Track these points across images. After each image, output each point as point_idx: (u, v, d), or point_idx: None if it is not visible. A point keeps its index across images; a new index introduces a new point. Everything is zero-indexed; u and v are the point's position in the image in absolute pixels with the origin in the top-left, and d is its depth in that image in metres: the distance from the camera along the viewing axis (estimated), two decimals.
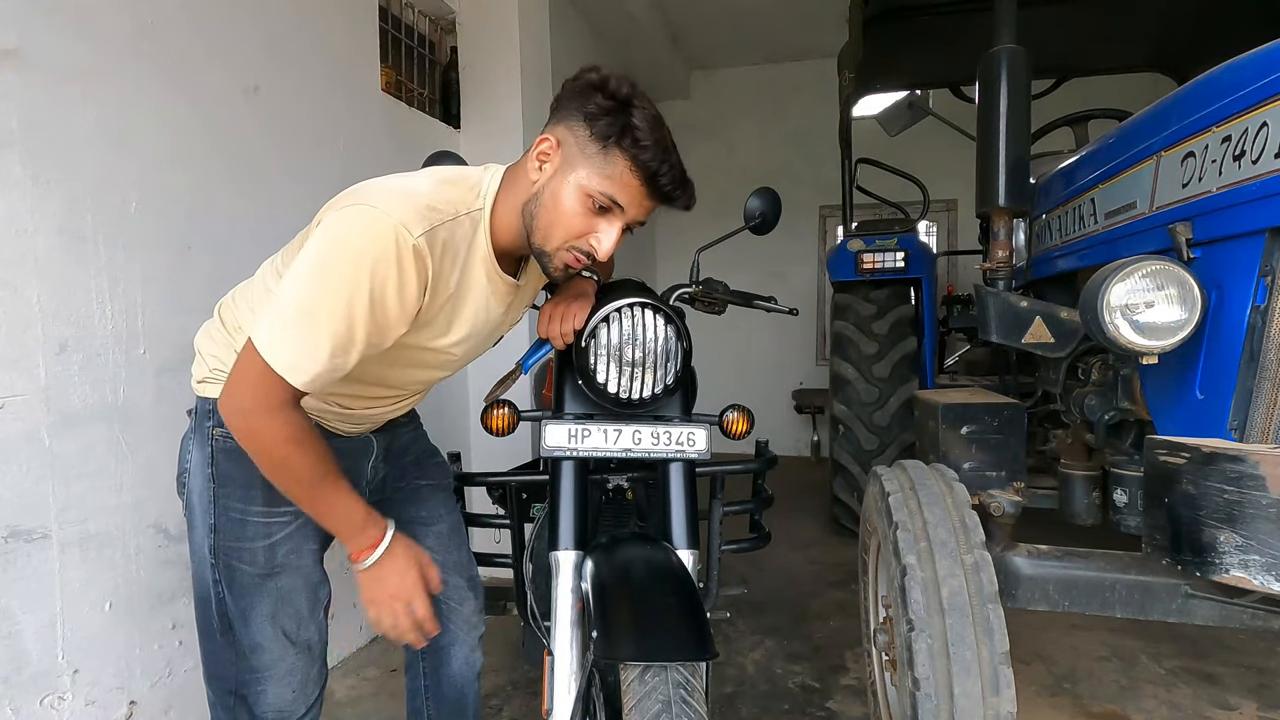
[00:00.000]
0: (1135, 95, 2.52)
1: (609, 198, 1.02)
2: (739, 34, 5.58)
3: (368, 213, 0.96)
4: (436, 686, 1.43)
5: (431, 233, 1.00)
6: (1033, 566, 1.43)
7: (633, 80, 1.02)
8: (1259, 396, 1.19)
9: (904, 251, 3.59)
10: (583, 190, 1.02)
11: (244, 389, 0.97)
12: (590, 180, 1.01)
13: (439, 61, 3.22)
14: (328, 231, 0.97)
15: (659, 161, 1.00)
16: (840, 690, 2.22)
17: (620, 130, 0.99)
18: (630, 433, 1.22)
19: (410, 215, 0.97)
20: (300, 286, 0.95)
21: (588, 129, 1.00)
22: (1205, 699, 2.14)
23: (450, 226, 1.04)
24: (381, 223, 0.95)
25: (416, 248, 0.97)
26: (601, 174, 1.01)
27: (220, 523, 1.13)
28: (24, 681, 1.47)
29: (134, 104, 1.68)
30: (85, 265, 1.58)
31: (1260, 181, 1.15)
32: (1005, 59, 1.63)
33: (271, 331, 0.95)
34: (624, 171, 1.01)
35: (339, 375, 1.00)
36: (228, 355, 1.16)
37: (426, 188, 1.04)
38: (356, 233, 0.96)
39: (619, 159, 1.00)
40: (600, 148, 1.00)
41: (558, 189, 1.03)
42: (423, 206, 1.00)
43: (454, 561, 1.40)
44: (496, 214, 1.10)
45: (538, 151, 1.05)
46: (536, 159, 1.05)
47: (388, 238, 0.95)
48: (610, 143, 1.00)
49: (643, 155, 0.99)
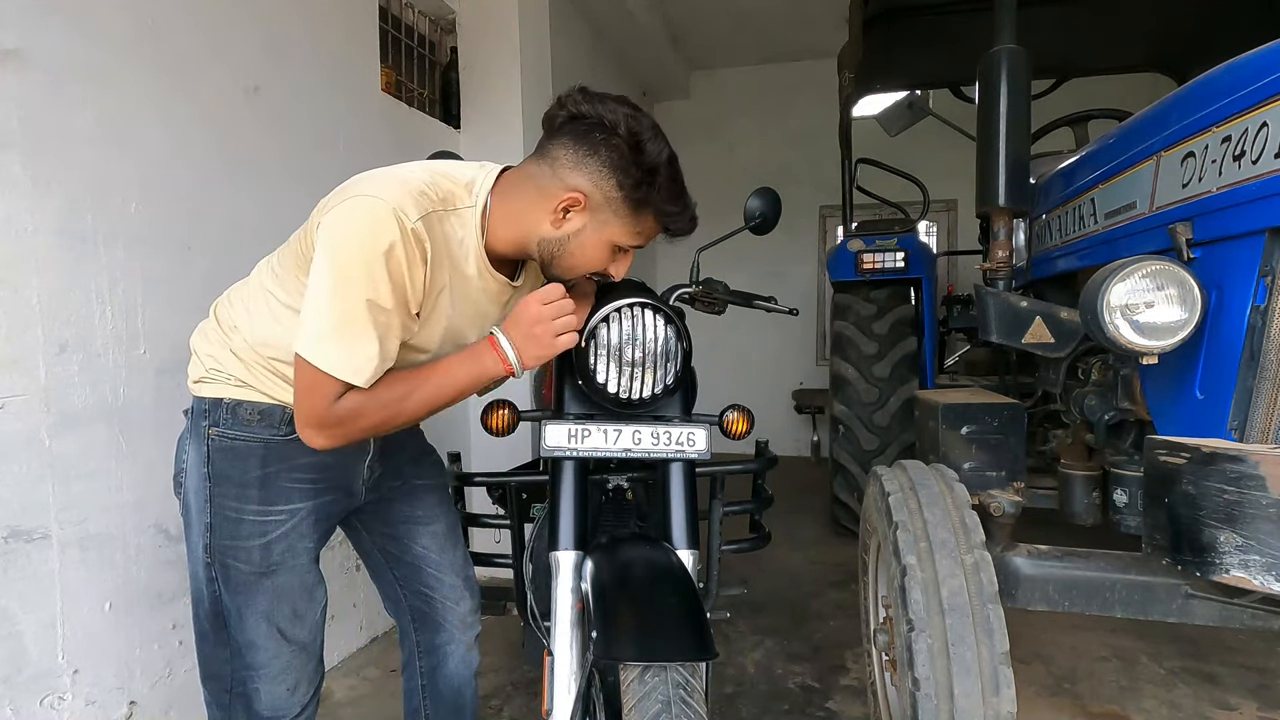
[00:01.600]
0: (1135, 95, 2.52)
1: (634, 246, 1.12)
2: (739, 34, 5.58)
3: (365, 203, 0.98)
4: (434, 686, 1.43)
5: (427, 218, 1.02)
6: (1033, 566, 1.43)
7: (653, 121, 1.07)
8: (1259, 396, 1.19)
9: (904, 251, 3.59)
10: (614, 245, 1.10)
11: (320, 408, 1.01)
12: (623, 237, 1.10)
13: (439, 61, 3.22)
14: (333, 232, 0.99)
15: (681, 213, 1.10)
16: (840, 690, 2.22)
17: (652, 194, 1.06)
18: (630, 433, 1.22)
19: (405, 201, 0.99)
20: (328, 296, 0.98)
21: (619, 192, 1.05)
22: (1205, 699, 2.14)
23: (442, 215, 1.05)
24: (380, 209, 0.97)
25: (415, 231, 1.00)
26: (633, 231, 1.09)
27: (216, 521, 1.14)
28: (24, 681, 1.47)
29: (134, 104, 1.68)
30: (85, 265, 1.58)
31: (1260, 181, 1.15)
32: (1005, 59, 1.63)
33: (321, 346, 0.99)
34: (651, 226, 1.11)
35: (391, 361, 1.04)
36: (223, 354, 1.16)
37: (420, 176, 1.06)
38: (359, 225, 0.98)
39: (649, 219, 1.09)
40: (631, 209, 1.07)
41: (587, 242, 1.09)
42: (416, 193, 1.02)
43: (450, 561, 1.40)
44: (492, 220, 1.11)
45: (564, 201, 1.05)
46: (559, 210, 1.06)
47: (389, 223, 0.97)
48: (644, 209, 1.07)
49: (669, 210, 1.09)
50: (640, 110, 1.06)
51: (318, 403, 1.01)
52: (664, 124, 1.11)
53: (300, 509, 1.17)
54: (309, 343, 0.99)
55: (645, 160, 1.03)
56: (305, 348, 0.99)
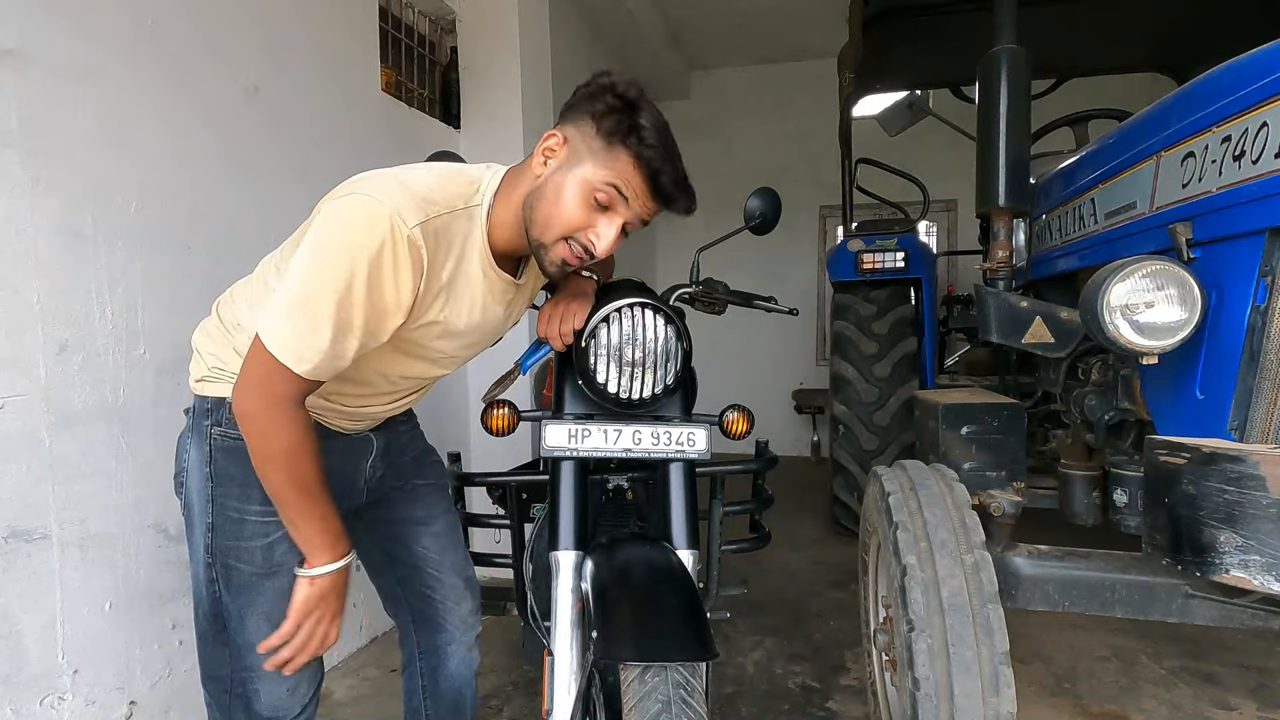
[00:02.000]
0: (1135, 95, 2.52)
1: (612, 186, 1.03)
2: (739, 34, 5.58)
3: (364, 201, 0.98)
4: (434, 686, 1.43)
5: (426, 224, 1.01)
6: (1033, 566, 1.43)
7: (642, 86, 1.04)
8: (1259, 396, 1.19)
9: (904, 251, 3.59)
10: (586, 183, 1.03)
11: (252, 383, 0.99)
12: (594, 174, 1.03)
13: (439, 61, 3.22)
14: (325, 221, 0.99)
15: (662, 160, 1.02)
16: (840, 690, 2.22)
17: (626, 129, 1.01)
18: (630, 433, 1.22)
19: (406, 205, 0.98)
20: (299, 275, 0.97)
21: (594, 126, 1.02)
22: (1205, 699, 2.14)
23: (446, 219, 1.04)
24: (377, 211, 0.97)
25: (411, 238, 0.98)
26: (606, 167, 1.03)
27: (218, 522, 1.13)
28: (24, 681, 1.47)
29: (134, 104, 1.68)
30: (85, 265, 1.58)
31: (1260, 181, 1.15)
32: (1005, 59, 1.63)
33: (274, 321, 0.97)
34: (627, 167, 1.03)
35: (341, 365, 1.01)
36: (226, 353, 1.16)
37: (425, 180, 1.05)
38: (353, 221, 0.97)
39: (623, 154, 1.02)
40: (605, 143, 1.02)
41: (561, 181, 1.04)
42: (419, 198, 1.01)
43: (450, 561, 1.40)
44: (496, 212, 1.10)
45: (544, 147, 1.06)
46: (542, 154, 1.07)
47: (383, 226, 0.96)
48: (615, 139, 1.02)
49: (646, 152, 1.02)
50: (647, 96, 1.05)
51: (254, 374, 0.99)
52: None
53: None
54: (264, 318, 0.98)
55: (618, 92, 1.02)
56: (262, 322, 0.98)
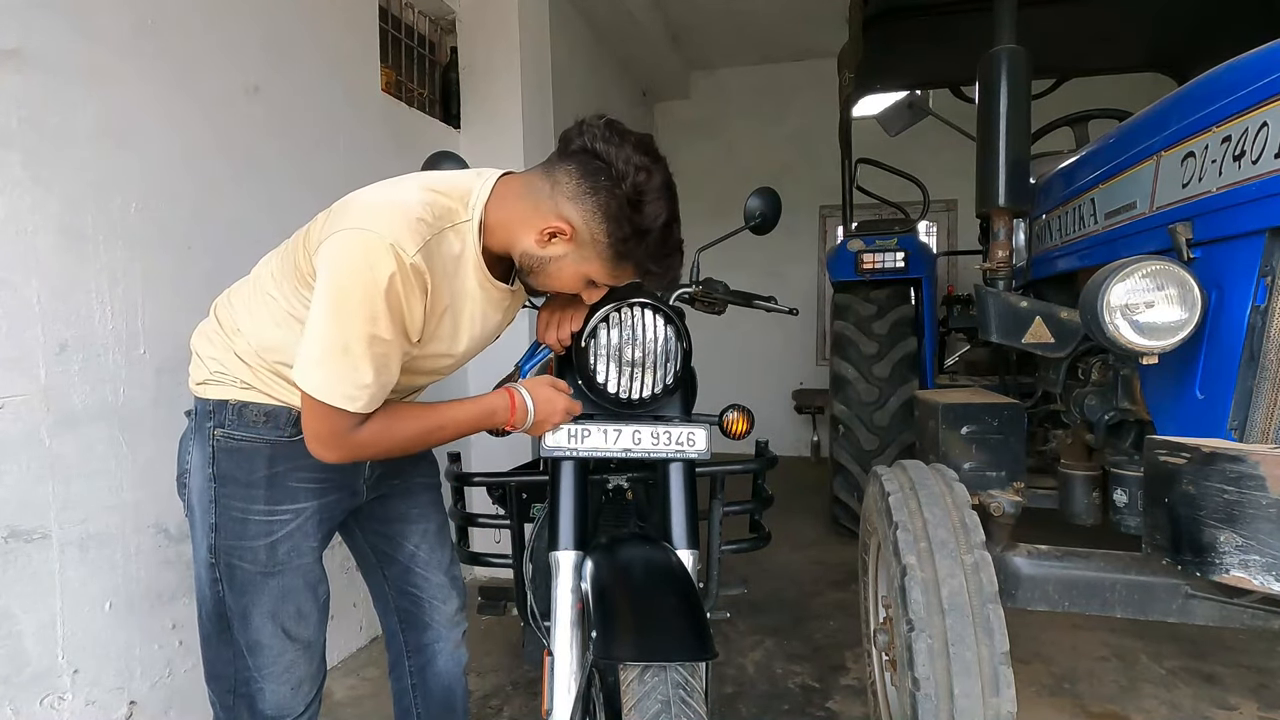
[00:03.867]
0: (1135, 95, 2.51)
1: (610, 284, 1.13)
2: (739, 34, 5.58)
3: (363, 238, 0.98)
4: (424, 685, 1.43)
5: (425, 249, 1.02)
6: (1033, 566, 1.43)
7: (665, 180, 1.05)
8: (1259, 396, 1.19)
9: (904, 251, 3.59)
10: (589, 279, 1.11)
11: (325, 435, 1.04)
12: (600, 276, 1.11)
13: (439, 61, 3.22)
14: (331, 265, 1.00)
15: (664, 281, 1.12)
16: (840, 690, 2.22)
17: (641, 254, 1.07)
18: (630, 433, 1.22)
19: (404, 234, 1.00)
20: (326, 326, 1.00)
21: (606, 240, 1.05)
22: (1205, 699, 2.14)
23: (439, 239, 1.05)
24: (378, 246, 0.98)
25: (414, 265, 1.00)
26: (610, 275, 1.10)
27: (221, 522, 1.14)
28: (24, 681, 1.47)
29: (134, 104, 1.68)
30: (85, 265, 1.58)
31: (1260, 181, 1.15)
32: (1005, 59, 1.63)
33: (318, 376, 1.00)
34: (631, 276, 1.12)
35: (389, 389, 1.06)
36: (226, 357, 1.16)
37: (415, 198, 1.05)
38: (358, 261, 0.98)
39: (629, 270, 1.10)
40: (614, 258, 1.07)
41: (564, 269, 1.10)
42: (414, 220, 1.02)
43: (438, 560, 1.41)
44: (488, 225, 1.11)
45: (549, 228, 1.06)
46: (545, 235, 1.07)
47: (388, 260, 0.98)
48: (626, 260, 1.08)
49: (650, 280, 1.12)
50: (658, 162, 1.05)
51: (320, 426, 1.03)
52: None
53: (306, 508, 1.18)
54: (309, 379, 1.01)
55: (640, 221, 1.03)
56: (300, 376, 1.01)
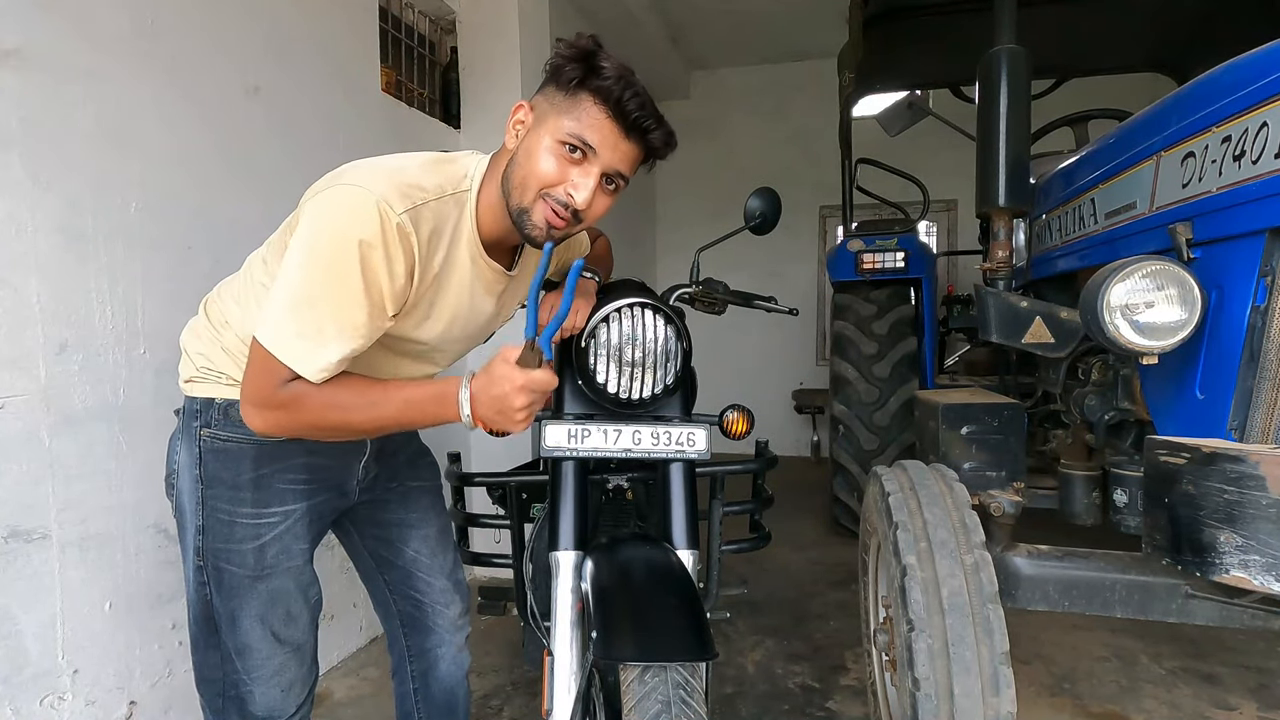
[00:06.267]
0: (1135, 95, 2.52)
1: (579, 138, 1.00)
2: (739, 34, 5.58)
3: (348, 191, 0.96)
4: (426, 689, 1.43)
5: (415, 211, 0.99)
6: (1033, 566, 1.43)
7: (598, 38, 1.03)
8: (1259, 397, 1.19)
9: (904, 251, 3.59)
10: (554, 139, 1.01)
11: (261, 392, 0.97)
12: (560, 127, 1.01)
13: (439, 61, 3.22)
14: (312, 218, 0.97)
15: (622, 87, 0.99)
16: (840, 690, 2.22)
17: (584, 71, 1.00)
18: (630, 433, 1.22)
19: (392, 192, 0.97)
20: (294, 277, 0.95)
21: (554, 82, 1.02)
22: (1205, 699, 2.14)
23: (435, 206, 1.03)
24: (363, 200, 0.95)
25: (400, 225, 0.97)
26: (571, 117, 1.00)
27: (208, 524, 1.12)
28: (24, 681, 1.47)
29: (134, 104, 1.68)
30: (85, 265, 1.58)
31: (1260, 181, 1.15)
32: (1005, 59, 1.63)
33: (275, 326, 0.95)
34: (590, 108, 1.00)
35: (346, 363, 0.99)
36: (214, 352, 1.14)
37: (412, 166, 1.04)
38: (339, 213, 0.95)
39: (584, 98, 1.00)
40: (566, 94, 1.01)
41: (531, 145, 1.03)
42: (406, 184, 0.99)
43: (440, 564, 1.39)
44: (482, 197, 1.09)
45: (514, 121, 1.06)
46: (513, 128, 1.06)
47: (370, 214, 0.94)
48: (574, 85, 1.00)
49: (604, 83, 0.99)
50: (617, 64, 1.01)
51: (264, 383, 0.97)
52: None
53: (294, 510, 1.16)
54: (266, 324, 0.96)
55: (576, 51, 1.01)
56: (262, 329, 0.96)
